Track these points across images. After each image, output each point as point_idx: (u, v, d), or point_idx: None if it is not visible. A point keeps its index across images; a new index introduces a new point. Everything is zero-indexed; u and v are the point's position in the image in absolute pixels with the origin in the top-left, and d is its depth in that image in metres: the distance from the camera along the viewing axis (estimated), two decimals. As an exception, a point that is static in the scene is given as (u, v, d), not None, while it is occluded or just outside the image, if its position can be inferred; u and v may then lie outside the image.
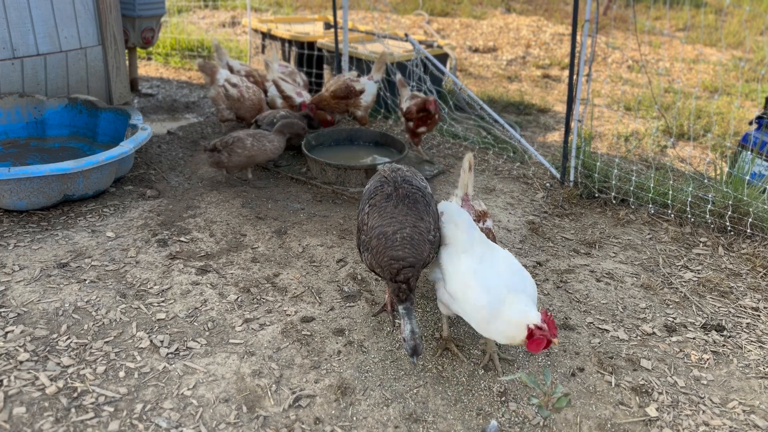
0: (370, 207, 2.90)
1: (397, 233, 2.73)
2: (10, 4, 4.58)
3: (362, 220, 2.92)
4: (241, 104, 5.30)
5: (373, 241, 2.78)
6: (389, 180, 2.97)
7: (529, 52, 10.15)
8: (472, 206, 3.34)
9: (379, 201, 2.89)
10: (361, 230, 2.91)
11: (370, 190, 3.03)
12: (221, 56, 5.79)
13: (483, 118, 6.42)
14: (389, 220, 2.79)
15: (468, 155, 3.39)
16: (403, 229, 2.74)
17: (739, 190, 4.38)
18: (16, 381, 2.59)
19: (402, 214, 2.79)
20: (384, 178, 3.00)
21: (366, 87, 5.36)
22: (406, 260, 2.69)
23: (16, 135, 4.74)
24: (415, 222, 2.78)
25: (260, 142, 4.54)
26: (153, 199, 4.34)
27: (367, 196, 3.00)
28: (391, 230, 2.75)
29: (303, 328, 3.08)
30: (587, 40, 4.54)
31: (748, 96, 8.25)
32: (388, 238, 2.74)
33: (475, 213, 3.28)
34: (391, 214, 2.80)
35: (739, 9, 10.88)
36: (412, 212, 2.81)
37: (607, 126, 6.82)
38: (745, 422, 2.66)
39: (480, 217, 3.28)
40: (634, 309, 3.43)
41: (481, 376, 2.84)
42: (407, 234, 2.73)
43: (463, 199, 3.37)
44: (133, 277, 3.39)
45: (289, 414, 2.55)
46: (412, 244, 2.72)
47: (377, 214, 2.84)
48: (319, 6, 11.71)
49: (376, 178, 3.11)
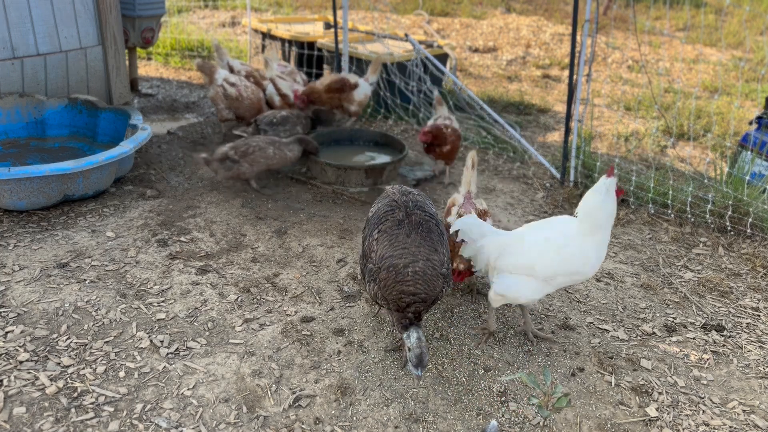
0: (379, 233, 2.68)
1: (408, 267, 2.55)
2: (10, 4, 4.58)
3: (370, 246, 2.69)
4: (240, 103, 5.30)
5: (382, 273, 2.58)
6: (400, 205, 2.77)
7: (529, 52, 10.15)
8: (474, 204, 3.34)
9: (389, 227, 2.68)
10: (368, 257, 2.68)
11: (378, 214, 2.80)
12: (222, 56, 5.79)
13: (483, 118, 6.42)
14: (401, 251, 2.59)
15: (471, 153, 3.38)
16: (415, 263, 2.56)
17: (739, 190, 4.38)
18: (16, 381, 2.59)
19: (415, 245, 2.60)
20: (394, 203, 2.80)
21: (360, 83, 5.43)
22: (417, 296, 2.54)
23: (16, 135, 4.74)
24: (428, 254, 2.59)
25: (281, 150, 4.41)
26: (153, 199, 4.34)
27: (375, 221, 2.77)
28: (402, 263, 2.56)
29: (303, 328, 3.08)
30: (587, 40, 4.54)
31: (748, 96, 8.25)
32: (398, 272, 2.55)
33: (477, 211, 3.28)
34: (403, 243, 2.61)
35: (739, 9, 10.88)
36: (425, 243, 2.62)
37: (607, 126, 6.82)
38: (745, 422, 2.66)
39: (480, 215, 3.26)
40: (634, 309, 3.43)
41: (481, 376, 2.84)
42: (420, 268, 2.55)
43: (466, 197, 3.37)
44: (133, 277, 3.39)
45: (289, 414, 2.55)
46: (425, 280, 2.55)
47: (387, 242, 2.64)
48: (319, 6, 11.70)
49: (384, 201, 2.91)
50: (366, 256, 2.72)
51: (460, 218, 3.13)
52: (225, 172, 4.34)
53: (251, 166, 4.34)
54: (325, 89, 5.35)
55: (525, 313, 3.10)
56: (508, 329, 3.18)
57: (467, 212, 3.24)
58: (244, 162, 4.31)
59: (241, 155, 4.31)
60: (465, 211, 3.26)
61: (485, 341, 3.06)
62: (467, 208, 3.28)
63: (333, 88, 5.34)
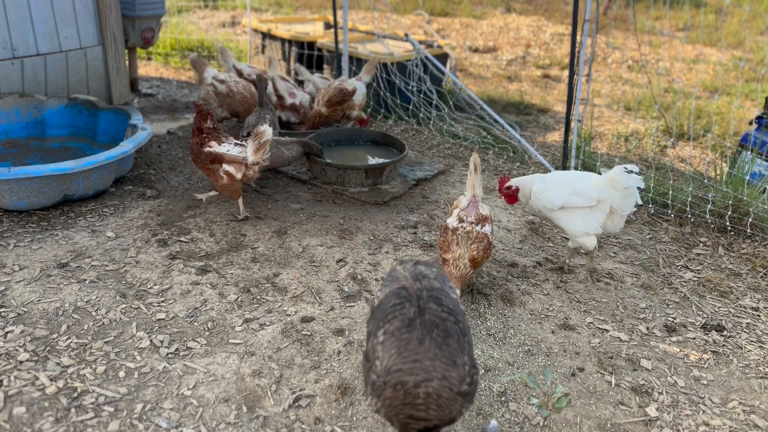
0: (385, 335, 2.16)
1: (420, 386, 2.03)
2: (10, 4, 4.58)
3: (374, 350, 2.18)
4: (232, 99, 5.29)
5: (388, 391, 2.07)
6: (411, 295, 2.23)
7: (529, 52, 10.15)
8: (477, 208, 3.35)
9: (397, 328, 2.15)
10: (372, 364, 2.15)
11: (385, 306, 2.26)
12: (227, 58, 5.77)
13: (483, 118, 6.42)
14: (411, 364, 2.06)
15: (473, 156, 3.37)
16: (428, 381, 2.03)
17: (739, 190, 4.38)
18: (16, 381, 2.59)
19: (429, 357, 2.06)
20: (404, 292, 2.25)
21: (357, 86, 5.43)
22: (429, 422, 2.10)
23: (16, 135, 4.74)
24: (445, 370, 2.06)
25: (279, 149, 4.38)
26: (153, 199, 4.34)
27: (381, 315, 2.24)
28: (412, 381, 2.04)
29: (303, 328, 3.08)
30: (587, 40, 4.54)
31: (748, 96, 8.25)
32: (408, 392, 2.04)
33: (476, 215, 3.30)
34: (414, 353, 2.07)
35: (739, 9, 10.88)
36: (442, 353, 2.08)
37: (607, 126, 6.82)
38: (745, 422, 2.66)
39: (480, 221, 3.29)
40: (634, 309, 3.43)
41: (481, 376, 2.84)
42: (434, 389, 2.04)
43: (471, 201, 3.38)
44: (133, 277, 3.39)
45: (289, 414, 2.55)
46: (439, 404, 2.06)
47: (395, 348, 2.11)
48: (319, 6, 11.70)
49: (393, 286, 2.34)
50: (369, 361, 2.19)
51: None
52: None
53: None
54: (326, 105, 5.34)
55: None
56: (508, 329, 3.18)
57: (467, 216, 3.29)
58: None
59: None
60: (466, 215, 3.30)
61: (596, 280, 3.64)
62: (469, 213, 3.31)
63: (334, 101, 5.34)
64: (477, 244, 3.19)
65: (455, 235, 3.23)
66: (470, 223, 3.27)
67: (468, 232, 3.22)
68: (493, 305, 3.38)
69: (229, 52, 5.82)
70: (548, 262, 3.88)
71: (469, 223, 3.27)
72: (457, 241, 3.20)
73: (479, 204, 3.39)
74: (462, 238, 3.21)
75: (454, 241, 3.21)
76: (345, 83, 5.42)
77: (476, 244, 3.19)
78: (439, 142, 5.91)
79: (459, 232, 3.23)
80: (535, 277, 3.68)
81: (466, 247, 3.18)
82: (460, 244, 3.19)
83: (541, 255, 3.96)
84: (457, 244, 3.20)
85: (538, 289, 3.56)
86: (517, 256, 3.92)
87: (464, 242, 3.19)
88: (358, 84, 5.47)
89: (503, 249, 4.00)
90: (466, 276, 3.14)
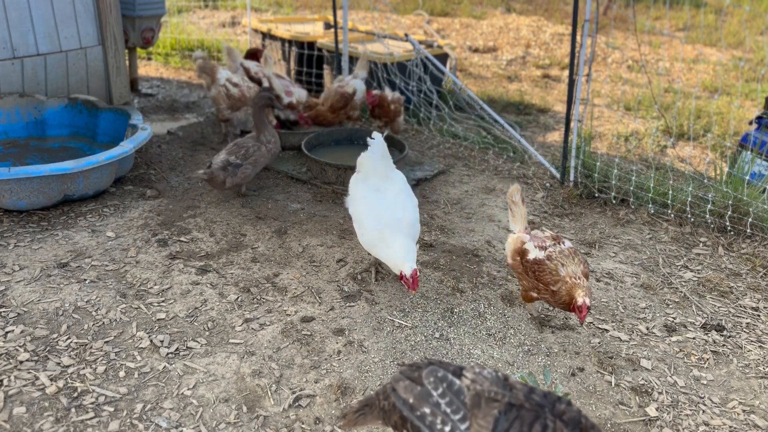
0: None
1: None
2: (10, 4, 4.58)
3: None
4: (243, 103, 5.29)
5: None
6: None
7: (529, 52, 10.15)
8: (539, 234, 3.15)
9: None
10: None
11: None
12: (234, 58, 5.78)
13: (483, 118, 6.42)
14: None
15: (514, 187, 3.20)
16: None
17: (738, 190, 4.38)
18: (16, 381, 2.60)
19: None
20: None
21: (356, 86, 5.43)
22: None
23: (16, 135, 4.74)
24: None
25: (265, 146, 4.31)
26: (153, 199, 4.34)
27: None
28: None
29: (303, 328, 3.08)
30: (587, 40, 4.54)
31: (748, 96, 8.25)
32: None
33: (548, 237, 3.09)
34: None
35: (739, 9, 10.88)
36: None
37: (607, 126, 6.82)
38: (745, 422, 2.66)
39: (556, 240, 3.08)
40: (634, 309, 3.44)
41: (481, 376, 2.84)
42: None
43: (525, 232, 3.18)
44: (133, 277, 3.39)
45: (289, 414, 2.55)
46: None
47: None
48: (319, 6, 11.70)
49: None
50: None
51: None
52: (231, 179, 4.14)
53: (254, 167, 4.26)
54: (329, 110, 5.38)
55: None
56: (508, 329, 3.18)
57: (542, 242, 3.06)
58: (248, 164, 4.20)
59: (242, 158, 4.18)
60: (541, 243, 3.06)
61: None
62: (539, 240, 3.09)
63: (337, 107, 5.38)
64: (577, 257, 2.99)
65: (554, 260, 2.97)
66: (553, 245, 3.05)
67: (561, 251, 3.00)
68: (493, 305, 3.38)
69: (236, 52, 5.83)
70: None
71: (552, 246, 3.05)
72: (562, 263, 2.95)
73: (534, 231, 3.20)
74: (563, 258, 2.97)
75: (559, 264, 2.95)
76: (345, 87, 5.39)
77: (576, 258, 2.98)
78: (439, 142, 5.91)
79: (554, 255, 2.99)
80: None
81: (573, 265, 2.94)
82: (566, 264, 2.94)
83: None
84: (563, 265, 2.95)
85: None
86: (517, 256, 3.91)
87: (568, 260, 2.96)
88: (357, 83, 5.46)
89: (503, 249, 4.00)
90: (588, 288, 2.87)
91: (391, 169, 3.55)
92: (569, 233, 4.27)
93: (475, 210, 4.51)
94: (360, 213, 3.38)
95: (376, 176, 3.45)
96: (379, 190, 3.41)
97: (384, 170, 3.48)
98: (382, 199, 3.36)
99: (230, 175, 4.15)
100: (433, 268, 3.69)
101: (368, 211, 3.32)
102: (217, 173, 4.13)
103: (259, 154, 4.26)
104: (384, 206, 3.31)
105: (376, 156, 3.45)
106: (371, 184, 3.44)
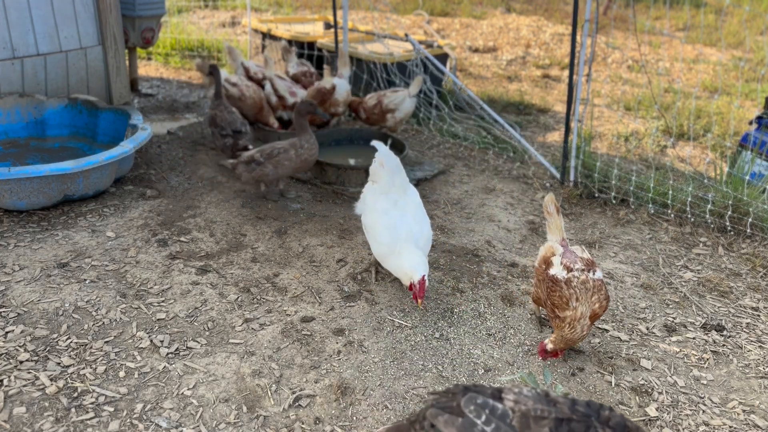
0: None
1: None
2: (10, 4, 4.58)
3: None
4: (243, 103, 5.29)
5: None
6: None
7: (529, 52, 10.15)
8: (574, 252, 2.93)
9: None
10: None
11: None
12: (235, 57, 5.80)
13: (483, 118, 6.42)
14: None
15: (549, 196, 3.02)
16: None
17: (738, 190, 4.38)
18: (17, 381, 2.60)
19: None
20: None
21: (336, 84, 5.36)
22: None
23: (16, 135, 4.74)
24: None
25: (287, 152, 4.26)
26: (153, 199, 4.34)
27: None
28: None
29: (303, 328, 3.08)
30: (587, 40, 4.54)
31: (748, 96, 8.25)
32: None
33: (582, 260, 2.85)
34: None
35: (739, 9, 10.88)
36: None
37: (607, 126, 6.82)
38: (745, 422, 2.66)
39: (589, 265, 2.82)
40: (634, 309, 3.43)
41: (481, 376, 2.84)
42: None
43: (562, 245, 2.98)
44: (133, 277, 3.39)
45: (289, 414, 2.55)
46: None
47: None
48: (319, 6, 11.70)
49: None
50: None
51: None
52: (247, 174, 4.20)
53: (275, 168, 4.22)
54: None
55: None
56: (508, 329, 3.18)
57: (573, 263, 2.83)
58: (269, 163, 4.19)
59: (266, 156, 4.19)
60: (571, 262, 2.83)
61: None
62: (571, 258, 2.86)
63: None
64: (597, 295, 2.71)
65: (571, 288, 2.72)
66: (581, 270, 2.78)
67: (584, 282, 2.72)
68: (493, 305, 3.38)
69: (237, 52, 5.85)
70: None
71: (579, 270, 2.77)
72: (577, 296, 2.69)
73: (574, 248, 2.96)
74: (581, 291, 2.70)
75: (573, 296, 2.71)
76: (323, 82, 5.38)
77: (597, 295, 2.70)
78: (439, 142, 5.91)
79: (574, 283, 2.71)
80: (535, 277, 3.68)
81: (587, 303, 2.68)
82: (581, 300, 2.68)
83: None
84: (577, 299, 2.69)
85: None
86: (517, 256, 3.92)
87: (584, 296, 2.69)
88: (338, 81, 5.39)
89: (503, 249, 4.00)
90: (582, 338, 2.72)
91: (407, 183, 3.52)
92: (569, 233, 4.27)
93: (475, 210, 4.51)
94: (376, 226, 3.32)
95: (394, 190, 3.41)
96: (397, 204, 3.37)
97: (401, 183, 3.44)
98: (402, 215, 3.31)
99: (248, 170, 4.20)
100: (433, 268, 3.69)
101: (386, 228, 3.27)
102: (238, 165, 4.23)
103: (285, 156, 4.21)
104: (402, 222, 3.27)
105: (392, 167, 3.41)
106: (391, 199, 3.38)
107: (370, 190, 3.52)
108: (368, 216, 3.44)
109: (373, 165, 3.48)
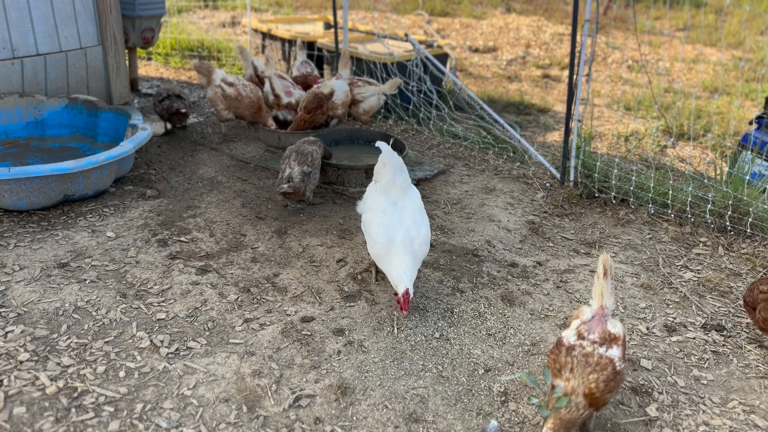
0: None
1: None
2: (10, 4, 4.58)
3: None
4: (240, 103, 5.28)
5: None
6: None
7: (529, 52, 10.15)
8: (603, 323, 2.57)
9: None
10: None
11: None
12: (246, 57, 5.93)
13: (483, 118, 6.42)
14: None
15: (603, 257, 2.63)
16: None
17: (739, 190, 4.38)
18: (17, 381, 2.60)
19: None
20: None
21: (334, 88, 5.27)
22: None
23: (16, 135, 4.74)
24: None
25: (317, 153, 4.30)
26: (153, 199, 4.34)
27: None
28: None
29: (303, 328, 3.08)
30: (587, 40, 4.54)
31: (748, 96, 8.25)
32: None
33: (602, 333, 2.52)
34: None
35: (739, 9, 10.88)
36: None
37: (607, 126, 6.82)
38: (745, 422, 2.66)
39: (606, 341, 2.49)
40: (634, 309, 3.44)
41: (481, 376, 2.84)
42: None
43: (597, 313, 2.61)
44: (133, 277, 3.39)
45: (289, 414, 2.55)
46: None
47: None
48: (319, 6, 11.70)
49: None
50: None
51: None
52: (310, 187, 4.16)
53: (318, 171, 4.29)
54: (305, 111, 5.23)
55: None
56: (508, 329, 3.19)
57: (589, 332, 2.52)
58: (315, 169, 4.21)
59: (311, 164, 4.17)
60: (587, 331, 2.54)
61: None
62: (592, 327, 2.54)
63: (311, 108, 5.21)
64: (597, 374, 2.37)
65: (570, 356, 2.45)
66: (592, 342, 2.48)
67: (587, 354, 2.43)
68: (493, 305, 3.38)
69: (248, 51, 5.94)
70: (548, 262, 3.88)
71: (590, 342, 2.48)
72: (571, 366, 2.42)
73: (608, 319, 2.60)
74: (578, 363, 2.42)
75: (567, 365, 2.43)
76: (321, 87, 5.29)
77: (596, 374, 2.37)
78: (439, 142, 5.91)
79: (575, 352, 2.45)
80: (535, 277, 3.68)
81: (581, 377, 2.38)
82: (574, 371, 2.40)
83: (541, 255, 3.96)
84: (570, 370, 2.42)
85: (538, 289, 3.56)
86: (517, 256, 3.92)
87: (580, 369, 2.40)
88: (336, 84, 5.31)
89: (503, 249, 4.00)
90: (576, 420, 2.36)
91: (409, 184, 3.50)
92: (569, 233, 4.27)
93: (475, 210, 4.52)
94: (373, 224, 3.32)
95: (395, 190, 3.40)
96: (396, 204, 3.36)
97: (402, 184, 3.43)
98: (399, 216, 3.31)
99: (309, 183, 4.14)
100: (433, 268, 3.69)
101: (383, 226, 3.26)
102: (298, 186, 4.04)
103: (318, 156, 4.28)
104: (399, 223, 3.26)
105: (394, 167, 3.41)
106: (391, 198, 3.39)
107: (372, 189, 3.54)
108: (367, 214, 3.46)
109: (377, 165, 3.50)
